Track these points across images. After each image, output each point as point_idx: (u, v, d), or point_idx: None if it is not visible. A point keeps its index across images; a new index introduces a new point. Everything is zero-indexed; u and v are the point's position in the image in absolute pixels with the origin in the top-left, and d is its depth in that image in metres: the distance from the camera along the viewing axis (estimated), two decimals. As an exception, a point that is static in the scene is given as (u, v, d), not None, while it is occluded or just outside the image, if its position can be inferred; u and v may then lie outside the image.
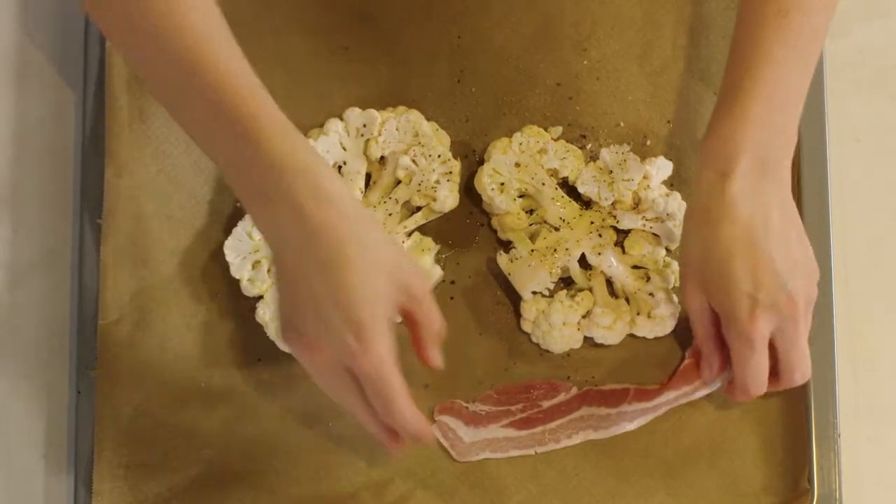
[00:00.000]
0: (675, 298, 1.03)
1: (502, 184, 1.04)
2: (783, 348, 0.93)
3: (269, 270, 1.03)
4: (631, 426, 1.03)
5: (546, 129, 1.06)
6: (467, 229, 1.06)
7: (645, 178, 1.04)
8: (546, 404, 1.04)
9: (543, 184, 1.04)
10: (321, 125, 1.06)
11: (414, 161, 1.04)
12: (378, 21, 1.08)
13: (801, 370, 0.94)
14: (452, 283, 1.05)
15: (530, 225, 1.05)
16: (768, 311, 0.90)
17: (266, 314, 1.02)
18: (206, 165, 1.06)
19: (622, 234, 1.05)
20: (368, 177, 1.06)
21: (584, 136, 1.07)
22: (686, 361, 1.03)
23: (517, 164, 1.04)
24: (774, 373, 0.94)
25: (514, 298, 1.05)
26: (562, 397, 1.04)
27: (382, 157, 1.05)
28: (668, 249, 1.05)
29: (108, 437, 1.02)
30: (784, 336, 0.92)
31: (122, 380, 1.03)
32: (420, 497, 1.03)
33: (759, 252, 0.90)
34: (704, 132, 0.93)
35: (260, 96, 0.85)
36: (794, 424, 1.03)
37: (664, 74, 1.08)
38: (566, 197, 1.05)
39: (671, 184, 1.06)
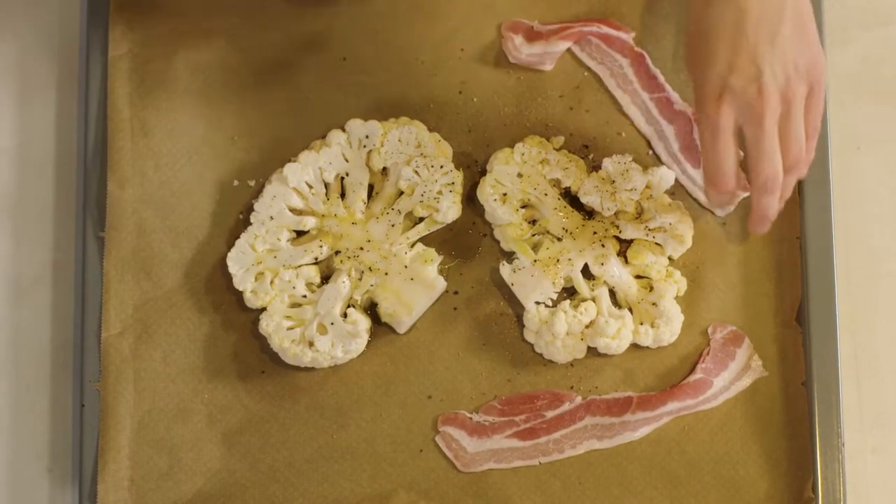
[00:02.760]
0: (679, 308, 1.03)
1: (505, 194, 1.04)
2: (747, 146, 0.91)
3: (271, 282, 1.03)
4: (635, 435, 1.03)
5: (548, 140, 1.06)
6: (470, 240, 1.06)
7: (647, 187, 1.04)
8: (550, 414, 1.04)
9: (546, 194, 1.04)
10: (323, 136, 1.06)
11: (416, 172, 1.04)
12: (380, 32, 1.08)
13: (765, 174, 0.91)
14: (455, 293, 1.05)
15: (533, 235, 1.05)
16: (736, 98, 0.89)
17: (269, 326, 1.02)
18: (208, 177, 1.06)
19: (625, 244, 1.05)
20: (371, 188, 1.06)
21: (587, 147, 1.07)
22: (693, 377, 1.03)
23: (519, 175, 1.04)
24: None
25: (518, 309, 1.05)
26: (566, 407, 1.04)
27: (385, 169, 1.05)
28: (671, 259, 1.05)
29: (112, 449, 1.02)
30: (747, 133, 0.91)
31: (125, 392, 1.03)
32: (424, 508, 1.03)
33: (744, 37, 0.89)
34: None
35: None
36: (798, 434, 1.03)
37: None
38: (569, 207, 1.05)
39: (673, 193, 1.06)
